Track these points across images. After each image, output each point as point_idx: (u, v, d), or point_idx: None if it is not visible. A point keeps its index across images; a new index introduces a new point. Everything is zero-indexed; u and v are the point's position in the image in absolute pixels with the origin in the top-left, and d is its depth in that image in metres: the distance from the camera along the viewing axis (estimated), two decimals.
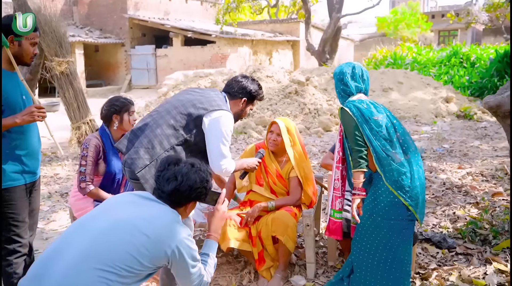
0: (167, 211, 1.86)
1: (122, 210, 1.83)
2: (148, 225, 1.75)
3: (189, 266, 1.85)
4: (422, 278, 3.02)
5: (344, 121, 2.68)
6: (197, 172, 1.92)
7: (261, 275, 3.06)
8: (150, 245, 1.72)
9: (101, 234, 1.72)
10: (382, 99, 11.78)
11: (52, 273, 1.64)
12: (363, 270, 2.64)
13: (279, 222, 2.97)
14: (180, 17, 22.31)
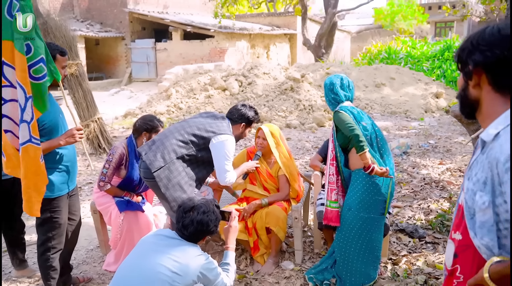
0: (190, 249, 2.35)
1: (159, 254, 2.29)
2: (178, 265, 2.23)
3: (212, 281, 2.39)
4: (393, 263, 3.54)
5: (339, 120, 3.08)
6: (208, 216, 2.40)
7: (256, 261, 3.58)
8: (181, 279, 2.22)
9: (146, 278, 2.20)
10: (375, 95, 12.26)
11: None
12: (344, 254, 3.16)
13: (272, 216, 3.47)
14: (179, 10, 22.64)
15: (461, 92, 1.42)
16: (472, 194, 1.33)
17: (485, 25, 1.36)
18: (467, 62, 1.35)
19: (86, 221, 4.70)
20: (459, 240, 1.42)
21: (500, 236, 1.27)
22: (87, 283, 3.43)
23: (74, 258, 3.87)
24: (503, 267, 1.23)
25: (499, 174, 1.22)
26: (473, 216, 1.33)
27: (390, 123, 10.12)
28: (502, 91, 1.33)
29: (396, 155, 7.13)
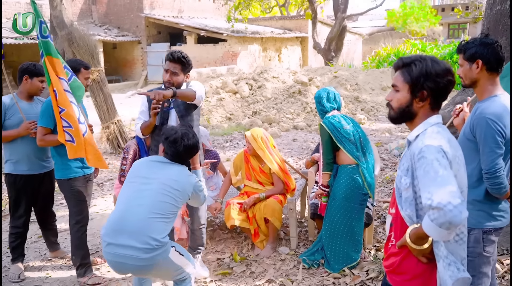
0: (182, 170, 2.81)
1: (158, 175, 2.73)
2: (176, 183, 2.72)
3: (200, 195, 2.93)
4: (376, 249, 4.03)
5: (321, 134, 3.73)
6: (191, 138, 2.81)
7: (256, 246, 4.11)
8: (180, 194, 2.72)
9: (154, 196, 2.65)
10: (381, 97, 12.69)
11: (133, 223, 2.57)
12: (329, 237, 3.68)
13: (269, 207, 4.00)
14: (193, 15, 23.28)
15: (404, 107, 1.86)
16: (399, 178, 1.85)
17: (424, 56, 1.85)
18: (422, 87, 1.80)
19: (108, 213, 5.28)
20: (393, 213, 1.95)
21: (418, 208, 1.79)
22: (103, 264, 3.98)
23: (99, 242, 4.45)
24: (417, 230, 1.74)
25: (414, 163, 1.74)
26: (401, 194, 1.85)
27: (393, 125, 10.53)
28: (434, 108, 1.84)
29: (395, 155, 7.59)
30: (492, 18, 4.41)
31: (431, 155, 1.67)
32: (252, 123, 10.04)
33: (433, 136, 1.74)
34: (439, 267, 1.74)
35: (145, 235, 2.54)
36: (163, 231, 2.62)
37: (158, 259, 2.60)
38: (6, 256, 4.20)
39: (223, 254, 4.11)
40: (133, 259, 2.55)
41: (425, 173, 1.67)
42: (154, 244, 2.55)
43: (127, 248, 2.54)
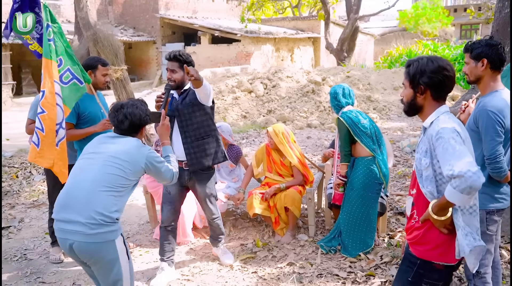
0: (130, 140, 2.69)
1: (106, 149, 2.65)
2: (125, 155, 2.60)
3: (159, 168, 2.75)
4: (390, 237, 4.30)
5: (339, 127, 4.00)
6: (138, 108, 2.72)
7: (277, 233, 4.40)
8: (130, 165, 2.59)
9: (100, 169, 2.56)
10: (393, 97, 12.90)
11: (78, 198, 2.48)
12: (347, 225, 3.96)
13: (289, 197, 4.28)
14: (207, 15, 23.63)
15: (410, 101, 2.19)
16: (419, 160, 2.14)
17: (419, 58, 2.15)
18: (419, 83, 2.12)
19: (134, 203, 5.60)
20: (414, 194, 2.22)
21: (437, 185, 2.08)
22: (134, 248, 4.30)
23: (130, 229, 4.77)
24: (439, 202, 2.02)
25: (433, 144, 2.03)
26: (421, 174, 2.13)
27: (405, 123, 10.76)
28: (436, 99, 2.14)
29: (407, 152, 7.82)
30: (501, 21, 4.65)
31: (447, 135, 1.97)
32: (267, 121, 10.32)
33: (446, 120, 2.05)
34: (459, 235, 2.02)
35: (90, 209, 2.45)
36: (112, 205, 2.50)
37: (104, 239, 2.48)
38: (44, 240, 4.54)
39: (246, 240, 4.41)
40: (78, 234, 2.44)
41: (444, 150, 1.95)
42: (99, 218, 2.44)
43: (72, 224, 2.45)
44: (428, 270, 2.12)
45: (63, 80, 3.57)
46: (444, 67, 2.10)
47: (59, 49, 3.62)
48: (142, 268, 3.94)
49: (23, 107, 15.33)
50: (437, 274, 2.12)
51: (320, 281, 3.60)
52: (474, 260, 2.04)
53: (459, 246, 2.02)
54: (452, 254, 2.07)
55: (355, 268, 3.78)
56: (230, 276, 3.75)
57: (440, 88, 2.12)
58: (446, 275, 2.15)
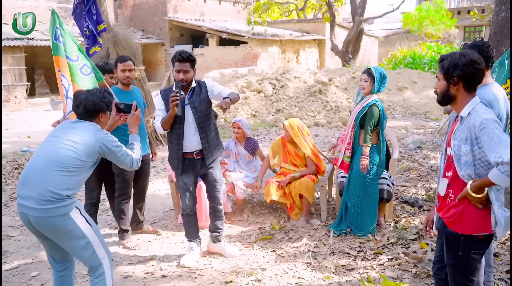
0: (87, 125, 2.87)
1: (64, 132, 2.84)
2: (79, 137, 2.78)
3: (116, 152, 2.90)
4: (396, 222, 4.69)
5: (372, 112, 4.28)
6: (93, 94, 2.91)
7: (292, 218, 4.80)
8: (83, 147, 2.75)
9: (54, 150, 2.75)
10: (397, 97, 13.29)
11: (33, 176, 2.69)
12: (356, 207, 4.34)
13: (303, 185, 4.69)
14: (214, 18, 24.09)
15: (444, 91, 2.45)
16: (458, 146, 2.40)
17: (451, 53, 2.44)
18: (453, 75, 2.40)
19: (157, 193, 6.02)
20: (449, 176, 2.50)
21: (475, 168, 2.36)
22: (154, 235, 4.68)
23: (155, 216, 5.19)
24: (478, 183, 2.33)
25: (476, 133, 2.30)
26: (459, 159, 2.40)
27: (409, 122, 11.14)
28: (468, 91, 2.42)
29: (411, 149, 8.20)
30: (499, 23, 5.05)
31: (491, 125, 2.25)
32: (276, 120, 10.73)
33: (486, 111, 2.32)
34: (494, 209, 2.33)
35: (41, 187, 2.63)
36: (62, 184, 2.67)
37: (55, 214, 2.64)
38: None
39: (263, 224, 4.81)
40: (30, 209, 2.63)
41: (489, 139, 2.23)
42: (48, 195, 2.61)
43: (26, 199, 2.65)
44: (473, 242, 2.42)
45: (84, 72, 4.06)
46: (475, 60, 2.35)
47: (73, 48, 4.08)
48: (171, 248, 4.34)
49: (38, 107, 15.84)
50: (482, 243, 2.43)
51: (333, 258, 4.00)
52: (503, 229, 2.36)
53: (496, 217, 2.34)
54: (489, 225, 2.37)
55: (364, 247, 4.18)
56: (251, 254, 4.15)
57: (471, 79, 2.37)
58: (488, 242, 2.46)
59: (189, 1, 23.03)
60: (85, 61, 4.14)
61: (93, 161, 2.86)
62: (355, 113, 4.42)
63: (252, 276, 3.71)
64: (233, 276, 3.72)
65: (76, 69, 4.09)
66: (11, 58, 15.63)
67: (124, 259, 4.11)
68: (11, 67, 15.62)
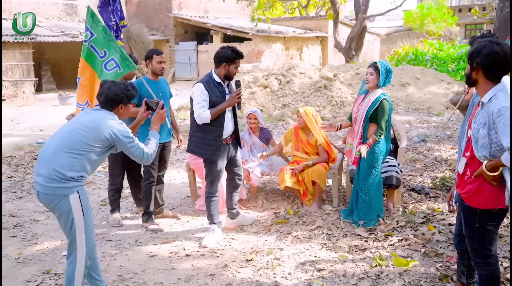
0: (103, 112, 3.02)
1: (80, 117, 3.07)
2: (90, 122, 2.93)
3: (125, 142, 3.00)
4: (404, 208, 4.93)
5: (384, 107, 4.42)
6: (116, 85, 3.04)
7: (305, 204, 5.04)
8: (93, 131, 2.90)
9: (66, 133, 2.94)
10: (400, 93, 13.50)
11: (45, 156, 2.91)
12: (364, 194, 4.53)
13: (316, 172, 4.92)
14: (218, 15, 24.30)
15: (468, 74, 2.68)
16: (477, 130, 2.61)
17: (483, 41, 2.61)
18: (473, 61, 2.59)
19: (173, 182, 6.26)
20: (468, 156, 2.73)
21: (491, 150, 2.56)
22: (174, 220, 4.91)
23: (173, 202, 5.43)
24: (493, 162, 2.54)
25: (493, 119, 2.50)
26: (477, 141, 2.61)
27: (413, 117, 11.37)
28: (489, 79, 2.60)
29: (415, 142, 8.43)
30: (502, 19, 5.27)
31: (508, 113, 2.41)
32: (282, 114, 10.96)
33: (506, 99, 2.47)
34: (508, 186, 2.54)
35: (50, 166, 2.83)
36: (69, 166, 2.83)
37: (56, 193, 2.83)
38: (101, 210, 5.20)
39: (278, 210, 5.05)
40: (39, 185, 2.86)
41: (505, 126, 2.43)
42: (54, 174, 2.80)
43: (38, 176, 2.88)
44: (488, 215, 2.65)
45: (108, 68, 4.30)
46: (497, 52, 2.48)
47: (102, 42, 4.32)
48: (192, 231, 4.58)
49: (45, 102, 16.05)
50: (496, 216, 2.67)
51: (346, 239, 4.24)
52: None
53: (509, 193, 2.54)
54: (502, 200, 2.59)
55: (375, 230, 4.42)
56: (268, 236, 4.39)
57: (491, 69, 2.52)
58: (502, 216, 2.69)
59: None
60: (113, 56, 4.36)
61: (102, 147, 2.96)
62: (365, 108, 4.50)
63: (271, 255, 3.95)
64: (253, 255, 3.96)
65: (101, 65, 4.34)
66: (19, 53, 15.84)
67: (148, 240, 4.35)
68: (19, 63, 15.82)
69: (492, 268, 2.74)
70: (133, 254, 4.06)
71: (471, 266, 2.98)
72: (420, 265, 3.69)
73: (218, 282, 3.54)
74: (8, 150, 7.72)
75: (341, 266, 3.73)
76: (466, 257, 2.97)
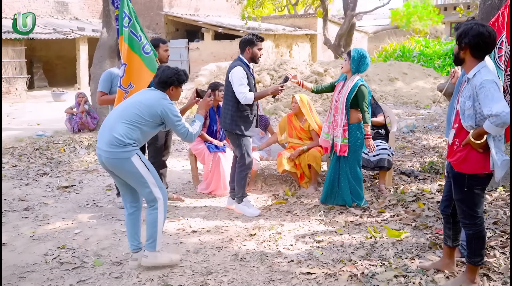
0: (157, 92, 3.45)
1: (138, 95, 3.55)
2: (146, 99, 3.38)
3: (174, 120, 3.41)
4: (395, 189, 5.23)
5: (363, 93, 4.58)
6: (170, 70, 3.46)
7: (302, 186, 5.33)
8: (147, 107, 3.33)
9: (125, 107, 3.42)
10: (389, 87, 13.87)
11: (106, 126, 3.36)
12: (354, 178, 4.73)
13: (311, 156, 5.21)
14: (208, 13, 24.51)
15: (456, 54, 2.97)
16: (463, 102, 2.91)
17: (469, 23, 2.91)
18: (461, 41, 2.90)
19: (174, 170, 6.50)
20: (456, 127, 3.01)
21: (476, 120, 2.86)
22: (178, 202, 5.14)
23: (176, 187, 5.67)
24: (478, 130, 2.82)
25: (476, 91, 2.81)
26: (464, 112, 2.91)
27: (401, 110, 11.73)
28: (475, 57, 2.91)
29: (404, 132, 8.77)
30: (485, 11, 5.60)
31: (488, 85, 2.73)
32: (275, 108, 11.24)
33: (487, 74, 2.80)
34: (492, 153, 2.84)
35: (110, 134, 3.28)
36: (126, 134, 3.28)
37: (119, 157, 3.27)
38: (107, 194, 5.42)
39: (276, 192, 5.33)
40: (102, 151, 3.31)
41: (485, 96, 2.74)
42: (115, 141, 3.25)
43: (100, 143, 3.34)
44: (475, 179, 2.95)
45: (145, 51, 4.42)
46: (483, 33, 2.77)
47: (136, 27, 4.50)
48: (196, 211, 4.83)
49: (38, 99, 16.15)
50: (483, 180, 2.97)
51: (342, 216, 4.54)
52: (501, 171, 2.87)
53: (493, 160, 2.85)
54: (488, 166, 2.89)
55: (369, 208, 4.72)
56: (269, 214, 4.67)
57: (477, 48, 2.82)
58: (488, 179, 3.00)
59: None
60: (146, 41, 4.55)
61: (154, 122, 3.40)
62: (345, 95, 4.62)
63: (272, 230, 4.23)
64: (256, 230, 4.24)
65: (140, 48, 4.50)
66: (11, 50, 15.90)
67: None
68: (12, 60, 15.89)
69: (479, 228, 3.04)
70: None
71: (456, 230, 3.29)
72: (411, 236, 4.00)
73: (225, 253, 3.80)
74: (9, 142, 7.89)
75: (338, 238, 4.02)
76: (451, 221, 3.27)
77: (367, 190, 5.21)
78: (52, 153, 7.19)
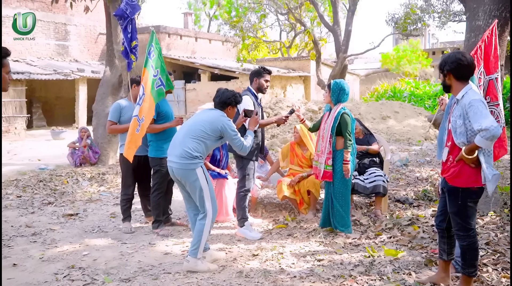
0: (218, 111, 4.05)
1: (201, 114, 4.12)
2: (208, 117, 3.98)
3: (231, 134, 3.99)
4: (391, 214, 5.43)
5: (346, 121, 4.79)
6: (229, 92, 4.10)
7: (301, 212, 5.52)
8: (209, 123, 3.93)
9: (191, 124, 3.99)
10: (381, 125, 14.28)
11: (176, 141, 3.97)
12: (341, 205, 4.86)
13: (310, 182, 5.44)
14: (204, 55, 25.25)
15: (442, 82, 3.31)
16: (454, 121, 3.20)
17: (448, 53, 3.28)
18: (444, 69, 3.24)
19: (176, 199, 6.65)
20: (449, 145, 3.29)
21: (467, 137, 3.13)
22: (181, 227, 5.31)
23: (179, 214, 5.83)
24: (469, 146, 3.10)
25: (466, 109, 3.10)
26: (456, 131, 3.19)
27: (394, 146, 12.05)
28: (459, 80, 3.23)
29: (398, 166, 9.04)
30: (469, 48, 5.99)
31: (477, 103, 3.06)
32: (272, 144, 11.52)
33: (475, 94, 3.13)
34: (483, 167, 3.10)
35: (181, 148, 3.88)
36: (194, 148, 3.86)
37: (187, 168, 3.85)
38: (111, 222, 5.57)
39: (277, 217, 5.51)
40: (173, 163, 3.91)
41: (474, 114, 3.04)
42: (185, 154, 3.85)
43: (172, 156, 3.95)
44: (468, 193, 3.20)
45: (156, 85, 4.77)
46: (459, 58, 3.14)
47: (158, 63, 4.83)
48: None
49: (37, 137, 16.36)
50: (475, 194, 3.22)
51: (341, 238, 4.71)
52: (492, 185, 3.12)
53: (484, 174, 3.10)
54: (480, 179, 3.15)
55: (366, 231, 4.90)
56: (270, 237, 4.83)
57: (458, 72, 3.16)
58: (480, 193, 3.24)
59: (181, 40, 24.20)
60: (160, 76, 4.87)
61: (215, 136, 3.97)
62: (330, 124, 4.77)
63: (274, 250, 4.39)
64: (258, 251, 4.40)
65: (153, 83, 4.82)
66: (12, 90, 16.25)
67: (161, 242, 4.75)
68: (12, 99, 16.22)
69: (472, 240, 3.26)
70: (149, 252, 4.45)
71: (450, 244, 3.49)
72: (408, 255, 4.18)
73: (229, 270, 3.95)
74: (12, 175, 8.05)
75: (338, 257, 4.20)
76: (446, 235, 3.48)
77: (364, 216, 5.41)
78: (55, 185, 7.36)
